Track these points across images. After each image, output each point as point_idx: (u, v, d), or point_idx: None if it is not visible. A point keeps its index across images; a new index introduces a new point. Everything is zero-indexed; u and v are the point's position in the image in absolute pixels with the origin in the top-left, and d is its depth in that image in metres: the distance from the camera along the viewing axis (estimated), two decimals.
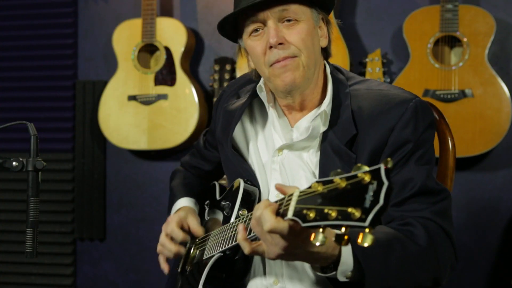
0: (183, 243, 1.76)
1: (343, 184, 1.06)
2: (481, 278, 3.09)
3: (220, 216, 1.72)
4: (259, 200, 1.64)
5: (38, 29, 3.55)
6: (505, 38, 3.07)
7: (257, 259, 1.64)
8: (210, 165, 1.99)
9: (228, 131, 1.73)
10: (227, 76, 3.17)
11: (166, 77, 3.24)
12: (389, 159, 1.02)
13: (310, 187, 1.13)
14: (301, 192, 1.16)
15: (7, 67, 3.59)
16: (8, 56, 3.59)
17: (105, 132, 3.30)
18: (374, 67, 3.01)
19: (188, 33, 3.26)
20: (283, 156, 1.63)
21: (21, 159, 1.51)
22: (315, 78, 1.59)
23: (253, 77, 1.70)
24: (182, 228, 1.74)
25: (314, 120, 1.55)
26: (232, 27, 1.61)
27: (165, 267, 1.78)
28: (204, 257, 1.66)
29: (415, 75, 2.99)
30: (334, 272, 1.30)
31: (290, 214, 1.15)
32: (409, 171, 1.48)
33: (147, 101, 3.24)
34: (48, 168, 1.59)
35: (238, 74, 3.17)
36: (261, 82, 1.67)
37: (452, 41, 3.01)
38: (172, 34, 3.25)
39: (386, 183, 1.00)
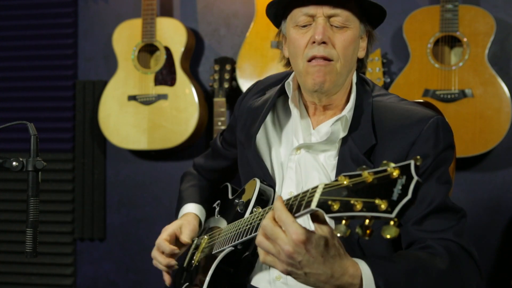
0: (174, 256, 1.78)
1: (371, 178, 1.07)
2: None
3: (230, 215, 1.74)
4: (273, 200, 1.65)
5: (38, 29, 3.55)
6: (505, 38, 3.07)
7: None
8: (228, 162, 2.01)
9: (252, 131, 1.73)
10: (227, 76, 3.17)
11: (166, 77, 3.24)
12: (418, 157, 1.03)
13: (336, 180, 1.13)
14: (326, 184, 1.15)
15: (7, 67, 3.59)
16: (8, 56, 3.59)
17: (105, 132, 3.30)
18: (374, 67, 3.01)
19: (188, 33, 3.26)
20: (300, 155, 1.65)
21: (21, 159, 1.51)
22: (345, 85, 1.63)
23: (282, 66, 1.73)
24: (177, 238, 1.79)
25: (334, 125, 1.57)
26: (281, 8, 1.62)
27: (166, 279, 1.80)
28: (214, 251, 1.68)
29: (415, 75, 2.99)
30: None
31: (313, 205, 1.14)
32: (430, 188, 1.48)
33: (147, 101, 3.24)
34: (48, 168, 1.59)
35: (238, 74, 3.17)
36: (290, 79, 1.68)
37: (452, 41, 3.01)
38: (172, 34, 3.25)
39: (415, 178, 1.01)
